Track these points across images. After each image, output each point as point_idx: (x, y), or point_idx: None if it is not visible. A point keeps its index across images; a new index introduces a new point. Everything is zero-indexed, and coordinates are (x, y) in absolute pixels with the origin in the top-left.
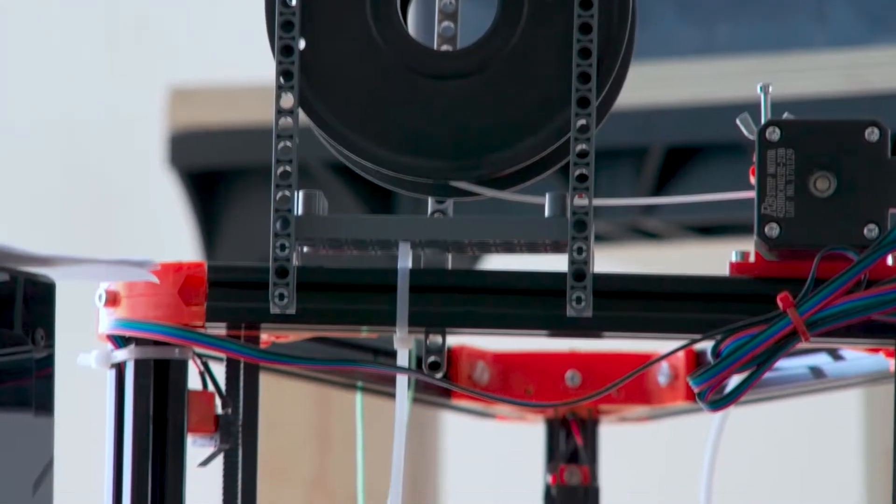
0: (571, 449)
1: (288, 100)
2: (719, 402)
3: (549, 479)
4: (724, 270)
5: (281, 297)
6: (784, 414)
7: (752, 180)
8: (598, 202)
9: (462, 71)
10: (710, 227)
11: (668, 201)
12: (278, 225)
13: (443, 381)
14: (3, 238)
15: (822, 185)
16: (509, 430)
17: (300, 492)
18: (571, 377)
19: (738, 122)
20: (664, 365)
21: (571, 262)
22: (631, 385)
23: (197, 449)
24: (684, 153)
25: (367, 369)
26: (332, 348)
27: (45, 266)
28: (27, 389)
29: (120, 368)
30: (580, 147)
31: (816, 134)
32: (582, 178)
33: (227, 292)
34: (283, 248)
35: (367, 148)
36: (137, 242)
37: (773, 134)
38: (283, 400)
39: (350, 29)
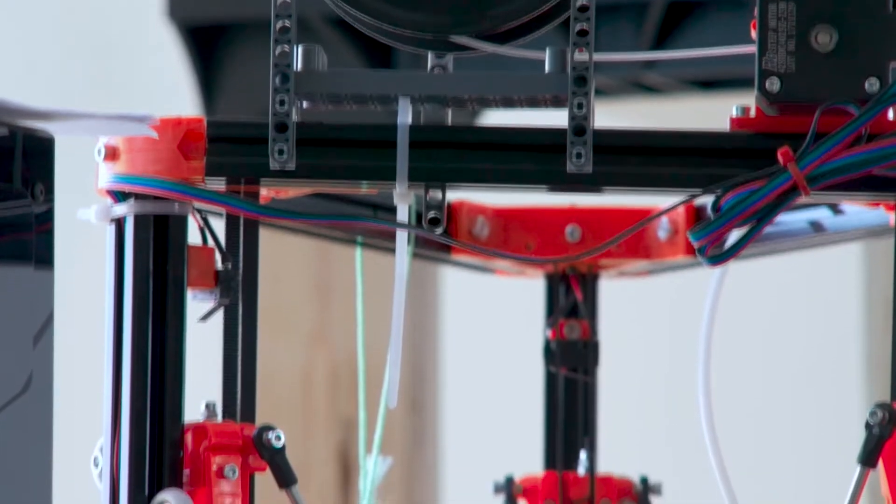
0: (571, 304)
1: None
2: (719, 258)
3: (549, 333)
4: (725, 125)
5: (280, 152)
6: (783, 269)
7: (753, 35)
8: (598, 57)
9: None
10: (710, 82)
11: (668, 56)
12: (277, 80)
13: (442, 237)
14: (1, 93)
15: (824, 39)
16: (509, 286)
17: (300, 345)
18: (571, 232)
19: None
20: (664, 220)
21: (571, 117)
22: (631, 240)
23: (197, 304)
24: (685, 7)
25: (366, 225)
26: (331, 204)
27: (43, 120)
28: (27, 243)
29: (119, 223)
30: (581, 2)
31: None
32: (582, 32)
33: (226, 147)
34: (282, 103)
35: (367, 3)
36: (136, 97)
37: None
38: (283, 254)
39: None
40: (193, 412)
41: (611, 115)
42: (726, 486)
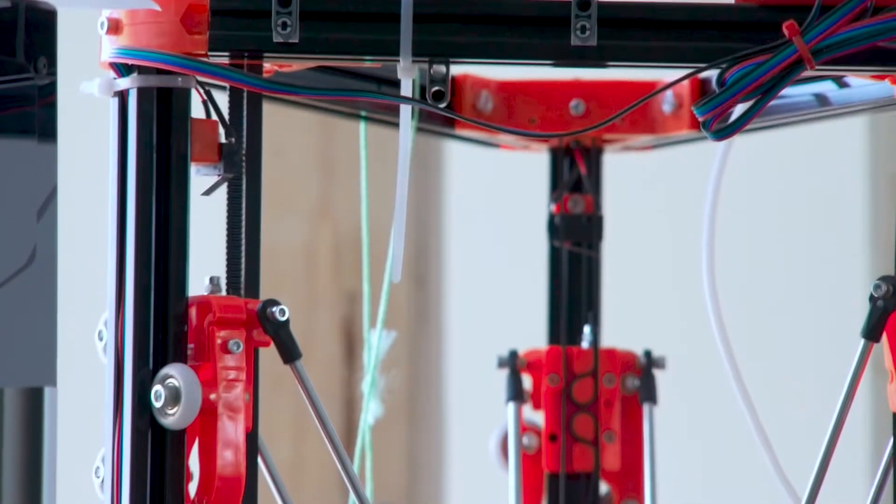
0: (575, 178)
1: None
2: (723, 131)
3: (553, 208)
4: None
5: (284, 25)
6: (787, 144)
7: None
8: None
9: None
10: None
11: None
12: None
13: (446, 111)
14: None
15: None
16: (513, 160)
17: (304, 220)
18: (576, 106)
19: None
20: (669, 94)
21: None
22: (635, 114)
23: (200, 178)
24: None
25: (370, 99)
26: (335, 78)
27: None
28: (30, 116)
29: (123, 97)
30: None
31: None
32: None
33: (229, 21)
34: None
35: None
36: None
37: None
38: (286, 128)
39: None
40: (197, 287)
41: None
42: (729, 358)
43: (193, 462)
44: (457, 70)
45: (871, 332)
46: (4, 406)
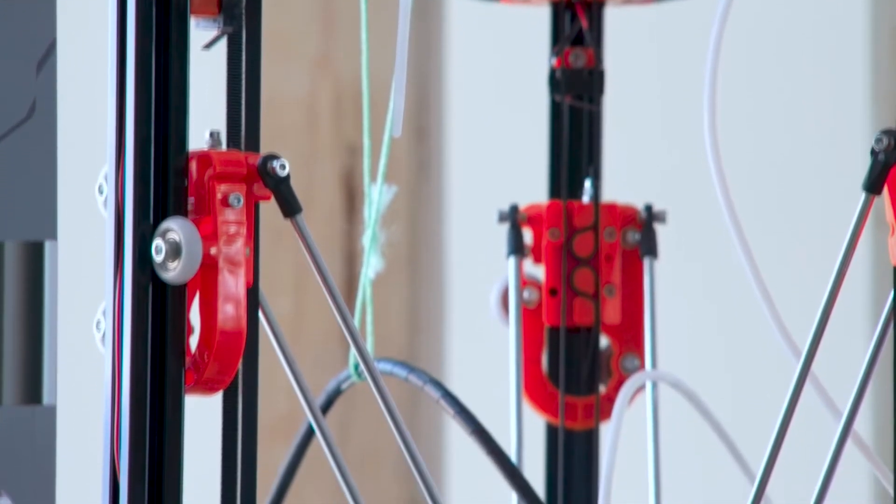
0: (576, 32)
1: None
2: None
3: (554, 62)
4: None
5: None
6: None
7: None
8: None
9: None
10: None
11: None
12: None
13: None
14: None
15: None
16: (514, 14)
17: (305, 73)
18: None
19: None
20: None
21: None
22: None
23: (200, 32)
24: None
25: None
26: None
27: None
28: None
29: None
30: None
31: None
32: None
33: None
34: None
35: None
36: None
37: None
38: None
39: None
40: (198, 141)
41: None
42: (730, 212)
43: (194, 316)
44: None
45: (873, 186)
46: (5, 260)
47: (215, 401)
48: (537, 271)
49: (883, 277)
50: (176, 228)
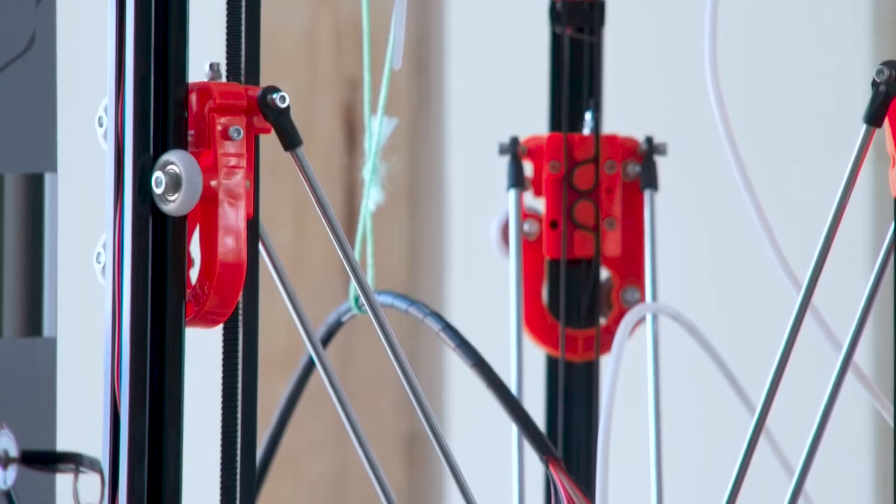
0: None
1: None
2: None
3: None
4: None
5: None
6: None
7: None
8: None
9: None
10: None
11: None
12: None
13: None
14: None
15: None
16: None
17: (305, 5)
18: None
19: None
20: None
21: None
22: None
23: None
24: None
25: None
26: None
27: None
28: None
29: None
30: None
31: None
32: None
33: None
34: None
35: None
36: None
37: None
38: None
39: None
40: (197, 74)
41: None
42: (731, 144)
43: (194, 249)
44: None
45: (873, 118)
46: (4, 192)
47: (216, 333)
48: (537, 204)
49: (883, 209)
50: (176, 161)
